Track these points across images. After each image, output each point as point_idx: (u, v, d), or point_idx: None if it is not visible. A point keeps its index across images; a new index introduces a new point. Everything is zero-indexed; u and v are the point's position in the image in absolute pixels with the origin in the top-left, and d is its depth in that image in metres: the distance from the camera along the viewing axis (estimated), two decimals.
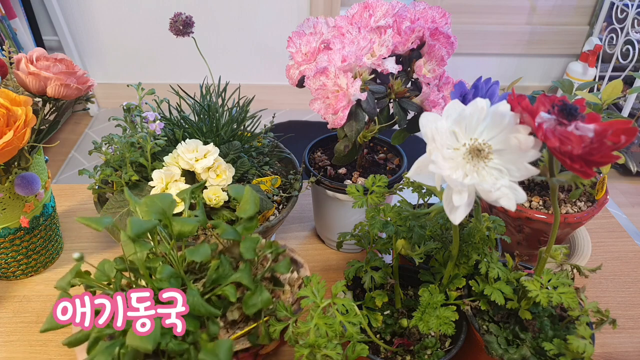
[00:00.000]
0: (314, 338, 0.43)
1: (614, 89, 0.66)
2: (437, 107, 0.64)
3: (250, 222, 0.50)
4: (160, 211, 0.46)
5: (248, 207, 0.50)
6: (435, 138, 0.38)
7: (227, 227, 0.48)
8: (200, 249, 0.45)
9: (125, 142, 0.65)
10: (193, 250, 0.45)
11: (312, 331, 0.43)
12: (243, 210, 0.50)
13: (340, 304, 0.45)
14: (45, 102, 0.66)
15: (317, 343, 0.43)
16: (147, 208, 0.46)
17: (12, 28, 2.00)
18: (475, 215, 0.52)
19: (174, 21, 0.70)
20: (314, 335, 0.43)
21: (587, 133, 0.34)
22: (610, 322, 0.47)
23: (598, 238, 0.84)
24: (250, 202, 0.50)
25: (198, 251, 0.45)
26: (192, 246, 0.46)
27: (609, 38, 2.24)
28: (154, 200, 0.46)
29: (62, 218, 0.86)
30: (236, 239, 0.48)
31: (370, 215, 0.55)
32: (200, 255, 0.45)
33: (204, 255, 0.45)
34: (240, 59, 2.38)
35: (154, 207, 0.46)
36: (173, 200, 0.47)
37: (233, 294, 0.45)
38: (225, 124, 0.73)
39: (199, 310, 0.43)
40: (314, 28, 0.67)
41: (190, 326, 0.42)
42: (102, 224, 0.44)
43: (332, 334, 0.43)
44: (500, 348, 0.50)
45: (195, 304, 0.43)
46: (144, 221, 0.43)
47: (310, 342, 0.43)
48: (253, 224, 0.50)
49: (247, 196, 0.50)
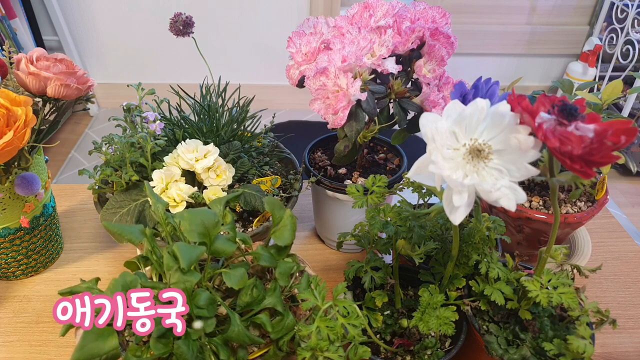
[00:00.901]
0: (316, 341, 0.43)
1: (614, 89, 0.66)
2: (437, 107, 0.64)
3: (285, 250, 0.48)
4: (204, 232, 0.43)
5: (287, 235, 0.47)
6: (435, 138, 0.38)
7: (262, 254, 0.46)
8: (237, 273, 0.43)
9: (125, 142, 0.65)
10: (230, 275, 0.43)
11: (313, 334, 0.43)
12: (281, 237, 0.47)
13: (341, 306, 0.45)
14: (45, 102, 0.66)
15: (319, 346, 0.43)
16: (190, 226, 0.43)
17: (12, 28, 2.00)
18: (475, 215, 0.52)
19: (174, 21, 0.70)
20: (315, 338, 0.43)
21: (587, 133, 0.34)
22: (610, 322, 0.47)
23: (598, 238, 0.84)
24: (289, 230, 0.47)
25: (235, 275, 0.43)
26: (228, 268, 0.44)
27: (609, 38, 2.24)
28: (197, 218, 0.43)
29: (62, 218, 0.86)
30: (272, 265, 0.46)
31: (370, 215, 0.55)
32: (237, 281, 0.43)
33: (241, 281, 0.43)
34: (240, 59, 2.38)
35: (197, 226, 0.43)
36: (218, 220, 0.45)
37: (269, 324, 0.44)
38: (225, 124, 0.73)
39: (244, 340, 0.42)
40: (314, 28, 0.67)
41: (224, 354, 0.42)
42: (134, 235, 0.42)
43: (334, 336, 0.43)
44: (500, 348, 0.50)
45: (241, 335, 0.42)
46: (192, 249, 0.41)
47: (312, 345, 0.43)
48: (287, 251, 0.48)
49: (286, 222, 0.48)
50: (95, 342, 0.37)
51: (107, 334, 0.38)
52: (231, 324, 0.43)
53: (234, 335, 0.42)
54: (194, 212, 0.44)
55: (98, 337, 0.38)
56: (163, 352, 0.39)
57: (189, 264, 0.40)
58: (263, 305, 0.45)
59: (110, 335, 0.38)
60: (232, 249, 0.44)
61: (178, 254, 0.40)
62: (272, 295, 0.45)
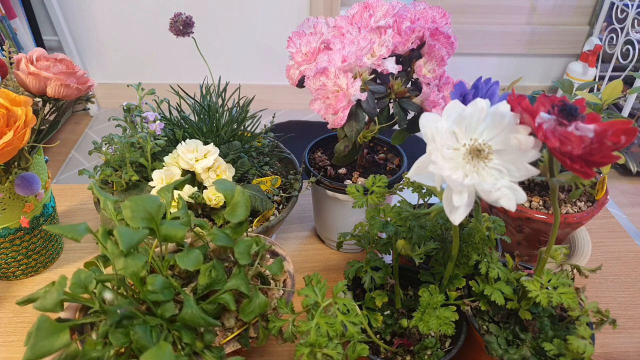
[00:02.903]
0: (315, 337, 0.43)
1: (614, 89, 0.66)
2: (437, 107, 0.64)
3: (240, 226, 0.47)
4: (148, 217, 0.42)
5: (239, 211, 0.46)
6: (435, 138, 0.38)
7: (218, 234, 0.45)
8: (191, 255, 0.43)
9: (125, 142, 0.65)
10: (183, 258, 0.42)
11: (313, 330, 0.43)
12: (233, 213, 0.46)
13: (341, 303, 0.45)
14: (45, 102, 0.66)
15: (318, 342, 0.43)
16: (131, 213, 0.41)
17: (12, 28, 2.00)
18: (475, 215, 0.52)
19: (174, 21, 0.70)
20: (315, 334, 0.43)
21: (587, 133, 0.34)
22: (610, 322, 0.47)
23: (598, 238, 0.84)
24: (242, 206, 0.46)
25: (189, 258, 0.42)
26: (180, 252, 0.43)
27: (609, 38, 2.24)
28: (139, 204, 0.42)
29: (62, 218, 0.86)
30: (229, 245, 0.45)
31: (370, 215, 0.55)
32: (192, 263, 0.42)
33: (196, 263, 0.42)
34: (240, 59, 2.38)
35: (140, 212, 0.42)
36: (161, 204, 0.43)
37: (233, 303, 0.43)
38: (225, 124, 0.73)
39: (198, 322, 0.41)
40: (314, 28, 0.67)
41: (187, 338, 0.41)
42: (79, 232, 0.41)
43: (333, 333, 0.43)
44: (500, 348, 0.50)
45: (195, 317, 0.41)
46: (133, 232, 0.40)
47: (311, 341, 0.43)
48: (243, 228, 0.47)
49: (238, 198, 0.47)
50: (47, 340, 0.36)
51: (59, 330, 0.37)
52: (185, 306, 0.41)
53: (188, 317, 0.41)
54: (135, 199, 0.42)
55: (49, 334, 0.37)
56: (122, 342, 0.38)
57: (129, 246, 0.38)
58: (226, 287, 0.44)
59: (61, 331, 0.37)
60: (183, 233, 0.43)
61: (118, 238, 0.38)
62: (236, 277, 0.44)
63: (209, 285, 0.44)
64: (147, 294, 0.41)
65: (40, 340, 0.36)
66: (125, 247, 0.38)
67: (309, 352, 0.43)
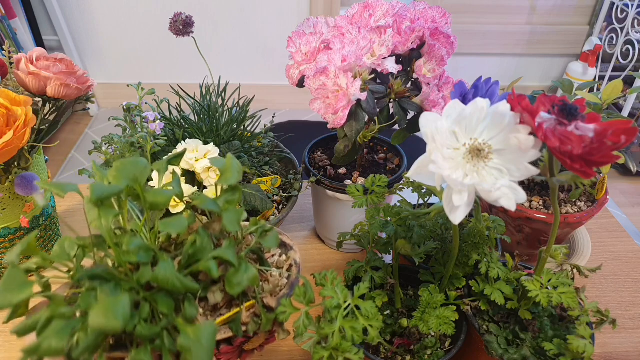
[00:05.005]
0: (339, 341, 0.41)
1: (614, 89, 0.66)
2: (437, 107, 0.64)
3: (233, 193, 0.43)
4: (132, 177, 0.39)
5: (230, 175, 0.42)
6: (436, 138, 0.38)
7: (206, 198, 0.42)
8: (175, 220, 0.39)
9: (125, 142, 0.65)
10: (168, 222, 0.38)
11: (336, 334, 0.41)
12: (224, 178, 0.43)
13: (364, 307, 0.44)
14: (45, 102, 0.66)
15: (342, 348, 0.41)
16: (116, 173, 0.38)
17: (12, 28, 2.00)
18: (475, 215, 0.52)
19: (174, 21, 0.70)
20: (338, 338, 0.41)
21: (587, 133, 0.34)
22: (610, 322, 0.47)
23: (598, 238, 0.84)
24: (232, 170, 0.43)
25: (173, 223, 0.38)
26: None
27: (609, 38, 2.24)
28: (125, 165, 0.39)
29: (62, 218, 0.86)
30: (216, 210, 0.41)
31: (370, 215, 0.55)
32: (175, 227, 0.38)
33: (180, 228, 0.38)
34: (240, 59, 2.38)
35: (124, 173, 0.39)
36: (147, 166, 0.40)
37: (215, 270, 0.38)
38: (225, 124, 0.73)
39: (174, 284, 0.36)
40: (314, 28, 0.67)
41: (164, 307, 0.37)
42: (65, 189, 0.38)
43: (358, 338, 0.41)
44: (500, 348, 0.50)
45: (169, 278, 0.36)
46: (108, 186, 0.37)
47: (334, 344, 0.41)
48: (236, 197, 0.43)
49: (229, 163, 0.43)
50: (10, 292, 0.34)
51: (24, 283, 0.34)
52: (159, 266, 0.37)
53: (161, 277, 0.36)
54: (123, 161, 0.40)
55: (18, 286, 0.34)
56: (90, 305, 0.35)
57: (99, 196, 0.35)
58: (210, 255, 0.40)
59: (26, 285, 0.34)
60: (167, 199, 0.40)
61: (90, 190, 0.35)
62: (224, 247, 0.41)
63: (193, 255, 0.40)
64: (121, 255, 0.37)
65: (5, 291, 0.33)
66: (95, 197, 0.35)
67: (329, 355, 0.41)
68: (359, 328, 0.42)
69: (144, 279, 0.37)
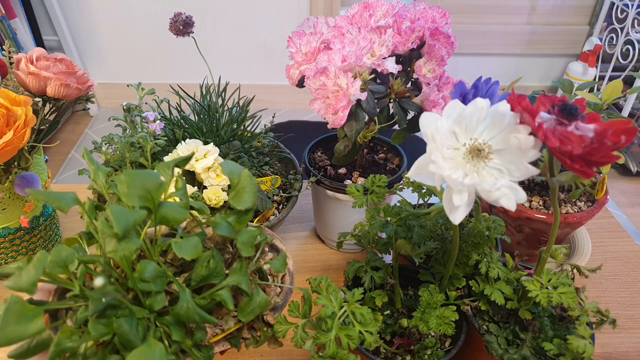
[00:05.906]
0: (335, 349, 0.41)
1: (614, 89, 0.66)
2: (437, 107, 0.64)
3: (246, 214, 0.42)
4: (146, 195, 0.36)
5: (246, 197, 0.41)
6: (435, 138, 0.38)
7: (219, 222, 0.40)
8: (189, 242, 0.37)
9: (125, 142, 0.65)
10: (181, 245, 0.37)
11: (332, 342, 0.42)
12: (240, 200, 0.41)
13: (359, 313, 0.44)
14: (45, 102, 0.66)
15: (339, 355, 0.41)
16: (128, 189, 0.36)
17: (12, 28, 2.00)
18: (475, 215, 0.52)
19: (174, 21, 0.70)
20: (334, 347, 0.42)
21: (587, 133, 0.34)
22: (610, 322, 0.47)
23: (598, 238, 0.84)
24: (249, 191, 0.41)
25: (187, 245, 0.37)
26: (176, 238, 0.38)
27: (609, 38, 2.24)
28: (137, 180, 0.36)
29: (62, 218, 0.86)
30: (231, 236, 0.40)
31: (370, 215, 0.55)
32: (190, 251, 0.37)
33: (195, 252, 0.37)
34: (240, 59, 2.38)
35: (137, 189, 0.36)
36: (162, 182, 0.38)
37: (230, 302, 0.38)
38: (225, 124, 0.73)
39: (193, 318, 0.36)
40: (314, 28, 0.67)
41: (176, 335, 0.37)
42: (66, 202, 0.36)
43: (354, 345, 0.42)
44: (500, 348, 0.50)
45: (190, 312, 0.36)
46: (130, 213, 0.34)
47: (330, 353, 0.41)
48: (248, 217, 0.42)
49: (245, 183, 0.41)
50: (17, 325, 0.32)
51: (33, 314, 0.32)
52: (180, 300, 0.36)
53: (183, 312, 0.36)
54: (133, 173, 0.37)
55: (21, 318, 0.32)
56: (103, 334, 0.34)
57: (125, 228, 0.33)
58: (225, 283, 0.39)
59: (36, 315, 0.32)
60: (184, 216, 0.38)
61: (112, 218, 0.33)
62: (237, 272, 0.40)
63: (205, 277, 0.39)
64: (136, 282, 0.36)
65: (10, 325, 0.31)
66: (121, 230, 0.33)
67: None
68: (355, 335, 0.42)
69: (158, 307, 0.36)
